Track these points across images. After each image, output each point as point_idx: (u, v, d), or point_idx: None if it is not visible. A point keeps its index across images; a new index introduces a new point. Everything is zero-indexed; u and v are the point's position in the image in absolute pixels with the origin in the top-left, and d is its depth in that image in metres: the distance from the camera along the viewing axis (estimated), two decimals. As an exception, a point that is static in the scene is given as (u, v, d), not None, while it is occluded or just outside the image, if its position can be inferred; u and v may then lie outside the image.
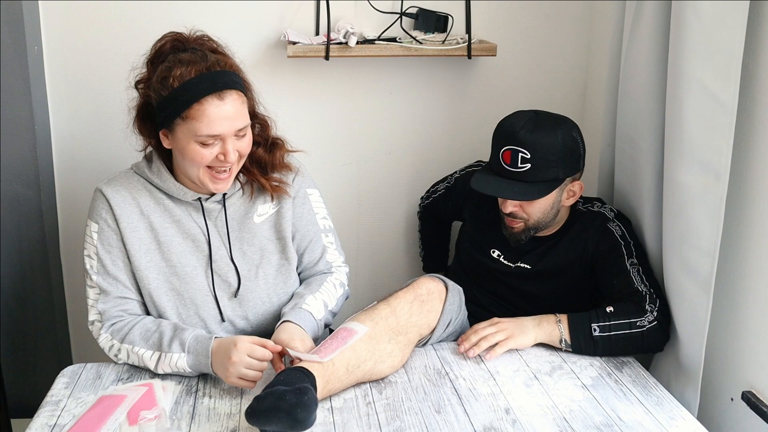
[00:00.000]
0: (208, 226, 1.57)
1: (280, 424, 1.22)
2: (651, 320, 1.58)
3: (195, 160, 1.45)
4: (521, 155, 1.63)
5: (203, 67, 1.43)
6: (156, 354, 1.47)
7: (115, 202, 1.53)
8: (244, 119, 1.47)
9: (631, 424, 1.37)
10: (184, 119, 1.42)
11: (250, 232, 1.60)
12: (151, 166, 1.56)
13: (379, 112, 2.16)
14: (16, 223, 1.97)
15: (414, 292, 1.54)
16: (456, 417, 1.39)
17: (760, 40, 1.41)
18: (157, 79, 1.45)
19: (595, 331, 1.58)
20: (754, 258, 1.47)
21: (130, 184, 1.56)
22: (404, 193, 2.25)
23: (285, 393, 1.24)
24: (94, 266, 1.53)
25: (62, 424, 1.34)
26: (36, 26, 1.92)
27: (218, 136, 1.43)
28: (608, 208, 1.77)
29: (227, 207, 1.58)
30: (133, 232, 1.53)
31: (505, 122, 1.72)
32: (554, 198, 1.69)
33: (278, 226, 1.62)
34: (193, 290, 1.56)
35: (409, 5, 2.03)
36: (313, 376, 1.35)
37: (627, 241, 1.69)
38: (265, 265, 1.61)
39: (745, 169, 1.47)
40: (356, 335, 1.44)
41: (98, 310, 1.53)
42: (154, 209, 1.55)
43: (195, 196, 1.55)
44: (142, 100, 1.52)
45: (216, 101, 1.41)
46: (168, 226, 1.55)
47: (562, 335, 1.60)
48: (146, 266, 1.53)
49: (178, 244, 1.55)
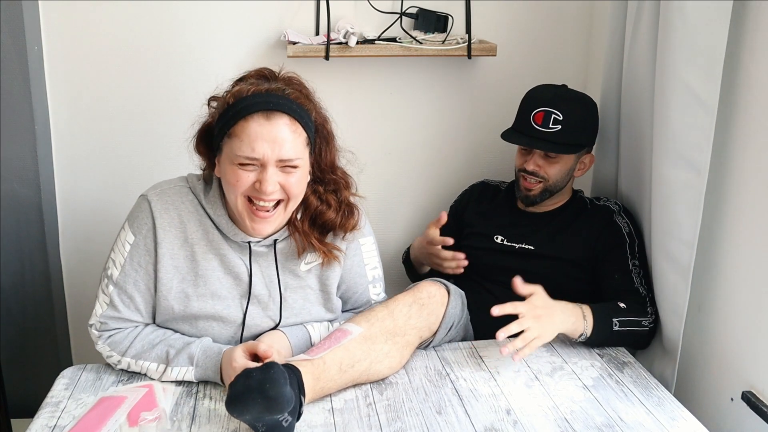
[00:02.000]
0: (251, 267, 1.47)
1: (255, 407, 1.20)
2: (650, 322, 1.67)
3: (231, 183, 1.35)
4: (554, 116, 1.76)
5: (263, 89, 1.34)
6: (161, 366, 1.45)
7: (160, 223, 1.43)
8: (293, 151, 1.34)
9: (632, 425, 1.37)
10: (230, 137, 1.33)
11: (294, 281, 1.51)
12: (208, 192, 1.46)
13: (379, 112, 2.16)
14: (16, 223, 1.97)
15: (414, 296, 1.54)
16: (457, 418, 1.39)
17: (742, 41, 1.46)
18: (223, 97, 1.38)
19: (616, 326, 1.62)
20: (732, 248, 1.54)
21: (182, 204, 1.45)
22: (404, 194, 2.25)
23: (251, 371, 1.22)
24: (115, 276, 1.45)
25: (62, 425, 1.34)
26: (36, 26, 1.92)
27: (258, 159, 1.32)
28: (612, 201, 1.86)
29: (278, 252, 1.48)
30: (171, 259, 1.44)
31: (536, 89, 1.86)
32: (572, 163, 1.83)
33: (323, 278, 1.53)
34: (220, 326, 1.48)
35: (409, 5, 2.03)
36: (298, 370, 1.34)
37: (633, 240, 1.75)
38: (305, 315, 1.53)
39: (724, 166, 1.53)
40: (350, 336, 1.44)
41: (100, 318, 1.48)
42: (200, 237, 1.45)
43: (245, 239, 1.45)
44: (209, 120, 1.43)
45: (261, 120, 1.31)
46: (211, 258, 1.45)
47: (585, 330, 1.61)
48: (175, 296, 1.45)
49: (218, 280, 1.46)
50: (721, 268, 1.57)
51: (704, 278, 1.61)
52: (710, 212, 1.56)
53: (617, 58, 1.84)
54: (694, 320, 1.64)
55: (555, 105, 1.77)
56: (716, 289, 1.58)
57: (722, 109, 1.48)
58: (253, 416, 1.23)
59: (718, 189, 1.55)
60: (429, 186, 2.24)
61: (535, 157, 1.81)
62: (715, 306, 1.59)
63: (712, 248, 1.58)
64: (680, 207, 1.55)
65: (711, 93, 1.45)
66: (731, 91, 1.49)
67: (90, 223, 2.10)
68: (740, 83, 1.48)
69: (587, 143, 1.85)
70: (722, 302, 1.57)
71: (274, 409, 1.21)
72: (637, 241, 1.75)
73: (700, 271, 1.60)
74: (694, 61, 1.46)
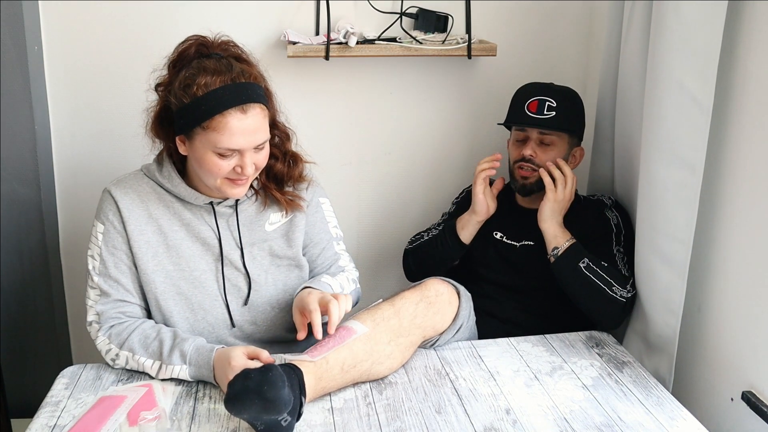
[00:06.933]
0: (219, 229, 1.56)
1: (253, 407, 1.21)
2: (624, 296, 1.69)
3: (212, 172, 1.44)
4: (548, 104, 1.83)
5: (228, 78, 1.41)
6: (156, 363, 1.46)
7: (123, 204, 1.51)
8: (265, 134, 1.46)
9: (632, 425, 1.37)
10: (205, 129, 1.41)
11: (260, 239, 1.59)
12: (162, 169, 1.54)
13: (379, 112, 2.16)
14: (16, 223, 1.97)
15: (421, 293, 1.54)
16: (456, 417, 1.39)
17: (737, 41, 1.47)
18: (180, 85, 1.43)
19: (583, 263, 1.71)
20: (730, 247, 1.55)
21: (139, 186, 1.54)
22: (404, 194, 2.25)
23: (250, 372, 1.24)
24: (96, 267, 1.52)
25: (62, 425, 1.34)
26: (36, 26, 1.92)
27: (237, 150, 1.42)
28: (606, 196, 1.90)
29: (239, 212, 1.57)
30: (140, 235, 1.52)
31: (525, 86, 1.92)
32: (566, 152, 1.87)
33: (289, 235, 1.61)
34: (203, 295, 1.55)
35: (409, 5, 2.03)
36: (299, 370, 1.35)
37: (619, 231, 1.81)
38: (275, 271, 1.60)
39: (719, 164, 1.54)
40: (354, 335, 1.44)
41: (97, 311, 1.51)
42: (163, 213, 1.54)
43: (207, 200, 1.54)
44: (162, 104, 1.50)
45: (239, 114, 1.40)
46: (177, 229, 1.54)
47: (560, 247, 1.75)
48: (153, 270, 1.52)
49: (188, 248, 1.54)
50: (721, 268, 1.57)
51: (704, 278, 1.61)
52: (706, 211, 1.57)
53: (614, 58, 1.85)
54: (694, 320, 1.64)
55: (548, 93, 1.85)
56: (716, 289, 1.58)
57: (717, 107, 1.49)
58: (251, 416, 1.24)
59: (714, 188, 1.55)
60: (429, 186, 2.24)
61: (531, 144, 1.86)
62: (715, 306, 1.59)
63: (711, 248, 1.59)
64: (675, 205, 1.55)
65: (706, 92, 1.46)
66: (726, 90, 1.50)
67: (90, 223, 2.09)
68: (735, 82, 1.48)
69: (578, 132, 1.91)
70: (722, 302, 1.57)
71: (271, 411, 1.22)
72: (624, 232, 1.80)
73: (700, 271, 1.61)
74: (689, 60, 1.47)
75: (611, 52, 1.87)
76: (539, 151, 1.85)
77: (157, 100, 1.52)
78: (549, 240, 1.77)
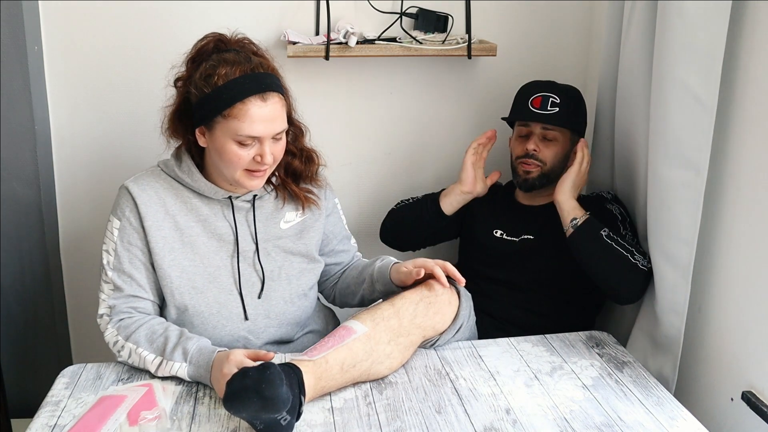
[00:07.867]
0: (237, 223, 1.57)
1: (252, 406, 1.22)
2: (644, 265, 1.68)
3: (232, 162, 1.47)
4: (551, 100, 1.85)
5: (248, 68, 1.45)
6: (158, 359, 1.46)
7: (141, 201, 1.53)
8: (283, 123, 1.49)
9: (632, 425, 1.37)
10: (226, 117, 1.43)
11: (275, 236, 1.61)
12: (181, 164, 1.56)
13: (379, 112, 2.16)
14: (16, 223, 1.97)
15: (421, 293, 1.54)
16: (456, 417, 1.39)
17: (741, 40, 1.47)
18: (201, 77, 1.46)
19: (604, 231, 1.70)
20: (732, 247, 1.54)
21: (156, 182, 1.56)
22: (404, 194, 2.25)
23: (248, 370, 1.25)
24: (111, 262, 1.53)
25: (62, 425, 1.34)
26: (36, 26, 1.92)
27: (257, 137, 1.45)
28: (605, 191, 1.93)
29: (256, 208, 1.60)
30: (157, 230, 1.53)
31: (527, 84, 1.94)
32: (568, 148, 1.89)
33: (303, 235, 1.64)
34: (218, 289, 1.56)
35: (409, 5, 2.03)
36: (299, 370, 1.35)
37: (624, 218, 1.83)
38: (288, 267, 1.62)
39: (723, 165, 1.54)
40: (354, 335, 1.44)
41: (109, 304, 1.53)
42: (180, 208, 1.55)
43: (226, 195, 1.56)
44: (181, 98, 1.53)
45: (259, 102, 1.43)
46: (193, 225, 1.56)
47: (578, 218, 1.74)
48: (169, 265, 1.53)
49: (203, 244, 1.56)
50: (721, 268, 1.57)
51: (704, 279, 1.61)
52: (710, 212, 1.57)
53: (614, 58, 1.85)
54: (695, 320, 1.64)
55: (551, 91, 1.87)
56: (716, 289, 1.59)
57: (721, 108, 1.49)
58: (250, 414, 1.24)
59: (717, 188, 1.55)
60: (429, 186, 2.24)
61: (534, 139, 1.88)
62: (715, 306, 1.59)
63: (712, 248, 1.59)
64: (679, 206, 1.55)
65: (710, 92, 1.46)
66: (730, 90, 1.50)
67: (90, 223, 2.10)
68: (739, 82, 1.48)
69: (580, 128, 1.93)
70: (722, 302, 1.57)
71: (270, 409, 1.22)
72: (629, 220, 1.82)
73: (700, 271, 1.61)
74: (693, 60, 1.47)
75: (611, 52, 1.87)
76: (542, 146, 1.87)
77: (175, 95, 1.55)
78: (567, 212, 1.77)
